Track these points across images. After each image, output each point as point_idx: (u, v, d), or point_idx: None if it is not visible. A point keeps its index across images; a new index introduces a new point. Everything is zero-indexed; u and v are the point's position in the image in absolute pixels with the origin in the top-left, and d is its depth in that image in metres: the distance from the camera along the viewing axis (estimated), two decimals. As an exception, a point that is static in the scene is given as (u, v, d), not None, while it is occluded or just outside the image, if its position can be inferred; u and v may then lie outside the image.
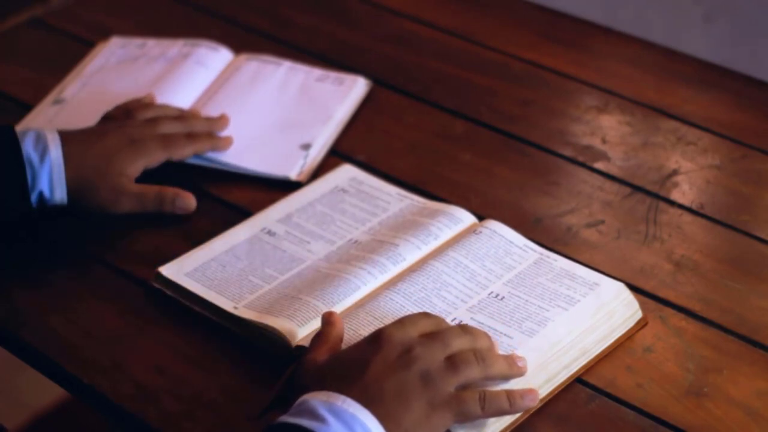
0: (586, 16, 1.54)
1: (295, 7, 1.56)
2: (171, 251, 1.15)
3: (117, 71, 1.40)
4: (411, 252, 1.12)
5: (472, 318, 1.05)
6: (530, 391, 0.97)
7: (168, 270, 1.12)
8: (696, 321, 1.09)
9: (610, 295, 1.07)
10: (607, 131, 1.34)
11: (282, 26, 1.52)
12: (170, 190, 1.20)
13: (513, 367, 0.98)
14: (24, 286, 1.14)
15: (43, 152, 1.15)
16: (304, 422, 0.89)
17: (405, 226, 1.15)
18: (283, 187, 1.24)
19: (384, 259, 1.11)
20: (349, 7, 1.56)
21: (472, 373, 0.95)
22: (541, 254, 1.12)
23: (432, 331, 0.98)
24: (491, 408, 0.95)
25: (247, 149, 1.29)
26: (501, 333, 1.04)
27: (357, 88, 1.39)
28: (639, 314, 1.08)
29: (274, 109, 1.36)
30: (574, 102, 1.39)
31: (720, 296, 1.12)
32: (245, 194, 1.24)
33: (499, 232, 1.13)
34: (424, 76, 1.43)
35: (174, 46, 1.44)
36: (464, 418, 0.94)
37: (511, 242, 1.13)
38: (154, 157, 1.22)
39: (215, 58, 1.42)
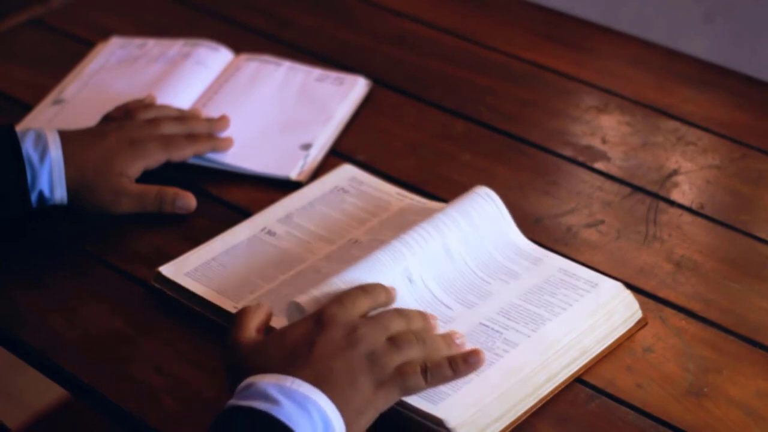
0: (586, 16, 1.54)
1: (295, 7, 1.56)
2: (171, 251, 1.15)
3: (117, 71, 1.40)
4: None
5: (472, 319, 1.05)
6: (472, 353, 0.98)
7: (168, 270, 1.12)
8: (696, 321, 1.09)
9: (609, 295, 1.07)
10: (607, 131, 1.34)
11: (282, 26, 1.52)
12: (170, 190, 1.20)
13: (452, 346, 0.99)
14: (24, 286, 1.14)
15: (43, 152, 1.15)
16: (257, 405, 0.89)
17: (405, 226, 1.15)
18: (283, 187, 1.24)
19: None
20: (349, 7, 1.56)
21: (412, 352, 0.97)
22: (541, 254, 1.12)
23: (369, 310, 0.99)
24: (435, 378, 0.97)
25: (247, 149, 1.29)
26: (501, 333, 1.04)
27: (357, 88, 1.39)
28: (639, 314, 1.08)
29: (274, 109, 1.36)
30: (574, 102, 1.39)
31: (720, 296, 1.12)
32: (245, 194, 1.24)
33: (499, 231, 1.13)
34: (424, 76, 1.43)
35: (174, 46, 1.44)
36: (410, 391, 0.96)
37: (510, 242, 1.13)
38: (154, 158, 1.22)
39: (215, 58, 1.42)
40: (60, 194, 1.16)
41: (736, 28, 2.18)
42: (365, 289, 1.01)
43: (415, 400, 0.97)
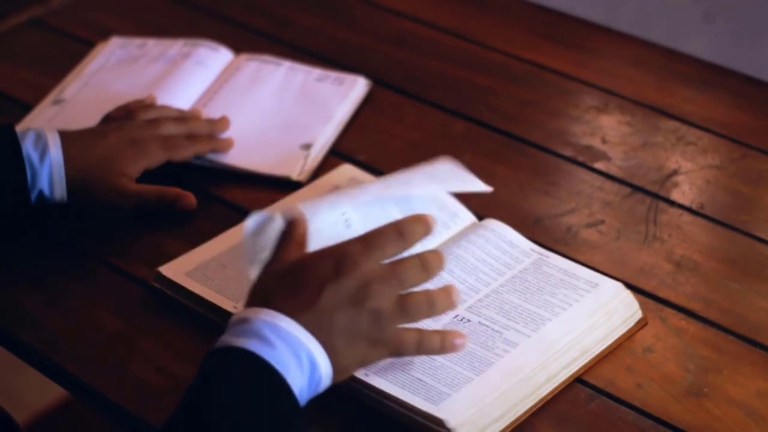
0: (586, 16, 1.54)
1: (295, 7, 1.56)
2: (171, 251, 1.15)
3: (117, 71, 1.40)
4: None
5: (471, 317, 1.05)
6: (461, 335, 0.99)
7: (168, 270, 1.12)
8: (696, 321, 1.09)
9: (609, 295, 1.07)
10: (607, 131, 1.34)
11: (282, 26, 1.52)
12: (171, 191, 1.20)
13: (451, 303, 0.98)
14: (24, 286, 1.14)
15: (43, 152, 1.15)
16: (251, 345, 0.90)
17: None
18: (283, 187, 1.24)
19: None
20: (349, 7, 1.56)
21: (420, 314, 0.97)
22: (541, 254, 1.12)
23: (396, 255, 0.97)
24: (424, 348, 0.98)
25: (247, 149, 1.29)
26: (501, 333, 1.04)
27: (357, 88, 1.39)
28: (639, 314, 1.08)
29: (275, 109, 1.36)
30: (574, 102, 1.39)
31: (720, 296, 1.12)
32: (245, 194, 1.24)
33: (499, 231, 1.13)
34: (424, 76, 1.43)
35: (174, 46, 1.44)
36: (399, 355, 0.97)
37: (510, 242, 1.13)
38: (155, 158, 1.22)
39: (215, 58, 1.42)
40: (60, 194, 1.16)
41: (736, 28, 2.18)
42: (401, 232, 0.98)
43: (415, 400, 0.98)
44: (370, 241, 0.97)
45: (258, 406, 0.89)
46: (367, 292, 0.94)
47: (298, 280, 0.95)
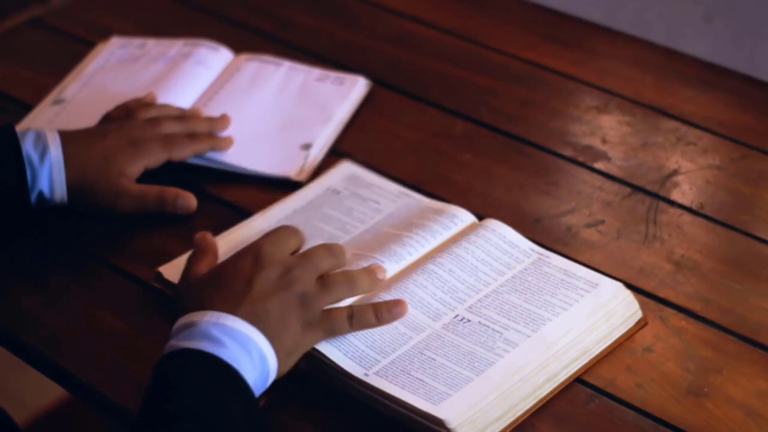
0: (586, 16, 1.54)
1: (295, 7, 1.56)
2: (171, 251, 1.15)
3: (117, 71, 1.41)
4: (411, 251, 1.12)
5: (471, 317, 1.05)
6: (396, 303, 1.03)
7: (168, 270, 1.12)
8: (696, 321, 1.09)
9: (609, 295, 1.07)
10: (607, 131, 1.34)
11: (282, 26, 1.52)
12: (171, 191, 1.20)
13: (375, 281, 1.04)
14: (24, 286, 1.14)
15: (43, 152, 1.15)
16: (202, 346, 0.93)
17: (405, 225, 1.15)
18: (283, 187, 1.24)
19: (384, 257, 1.11)
20: (349, 7, 1.56)
21: (341, 292, 1.02)
22: (541, 254, 1.12)
23: (298, 247, 1.04)
24: (359, 323, 1.02)
25: (247, 149, 1.29)
26: (501, 333, 1.04)
27: (357, 88, 1.39)
28: (639, 314, 1.08)
29: (275, 109, 1.36)
30: (574, 102, 1.39)
31: (720, 296, 1.12)
32: (245, 194, 1.24)
33: (499, 231, 1.13)
34: (424, 76, 1.43)
35: (174, 46, 1.44)
36: (335, 333, 1.01)
37: (510, 242, 1.13)
38: (155, 157, 1.21)
39: (215, 58, 1.42)
40: (60, 194, 1.16)
41: (736, 28, 2.18)
42: (289, 228, 1.05)
43: (415, 400, 0.98)
44: (272, 235, 1.03)
45: (221, 405, 0.91)
46: (291, 276, 1.00)
47: (226, 279, 0.99)
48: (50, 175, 1.15)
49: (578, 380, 1.03)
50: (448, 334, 1.04)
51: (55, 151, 1.16)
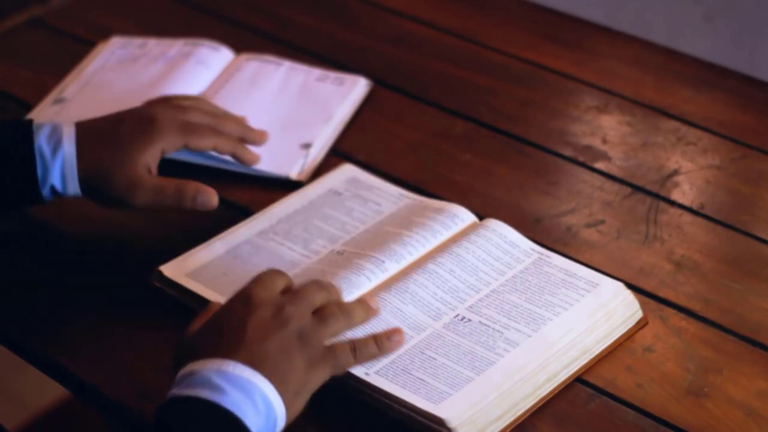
0: (586, 16, 1.54)
1: (295, 7, 1.56)
2: (171, 251, 1.15)
3: (117, 71, 1.41)
4: (411, 250, 1.12)
5: (472, 316, 1.05)
6: (394, 332, 1.02)
7: (169, 270, 1.12)
8: (696, 321, 1.09)
9: (610, 295, 1.07)
10: (607, 131, 1.34)
11: (282, 26, 1.52)
12: (191, 185, 1.14)
13: (369, 311, 1.03)
14: (24, 286, 1.14)
15: (56, 146, 1.13)
16: (202, 394, 0.90)
17: (406, 225, 1.15)
18: (283, 186, 1.24)
19: (384, 257, 1.11)
20: (349, 7, 1.56)
21: (338, 324, 0.99)
22: (541, 254, 1.12)
23: (287, 287, 1.01)
24: (363, 355, 0.99)
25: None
26: (501, 332, 1.04)
27: (357, 88, 1.39)
28: (639, 314, 1.08)
29: (275, 109, 1.36)
30: (574, 102, 1.39)
31: (720, 296, 1.12)
32: (245, 194, 1.24)
33: (500, 231, 1.13)
34: (424, 76, 1.44)
35: (174, 46, 1.44)
36: (340, 368, 0.98)
37: (511, 242, 1.13)
38: (170, 141, 1.16)
39: (216, 57, 1.42)
40: (73, 188, 1.13)
41: (736, 28, 2.18)
42: (277, 270, 1.02)
43: (416, 400, 0.98)
44: (260, 277, 1.00)
45: None
46: (284, 314, 0.96)
47: (219, 329, 0.96)
48: (62, 169, 1.12)
49: (578, 380, 1.03)
50: (448, 333, 1.04)
51: (68, 145, 1.13)
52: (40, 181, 1.12)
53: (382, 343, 1.01)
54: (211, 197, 1.15)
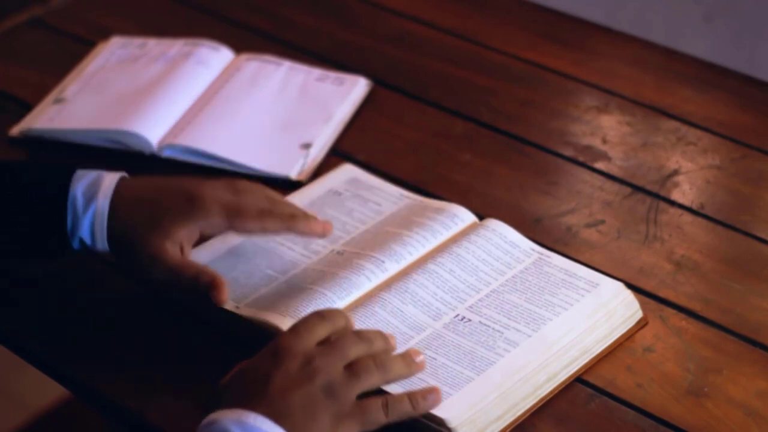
0: (586, 16, 1.54)
1: (295, 7, 1.56)
2: (171, 251, 1.15)
3: (117, 71, 1.40)
4: (411, 250, 1.12)
5: (472, 317, 1.05)
6: (431, 391, 0.97)
7: (168, 270, 1.12)
8: (696, 321, 1.09)
9: (610, 295, 1.07)
10: (607, 131, 1.34)
11: (282, 26, 1.52)
12: (208, 276, 1.06)
13: (411, 366, 0.98)
14: (23, 286, 1.14)
15: (90, 199, 1.07)
16: None
17: (406, 225, 1.15)
18: (283, 186, 1.24)
19: (384, 257, 1.11)
20: (349, 7, 1.56)
21: (372, 380, 0.95)
22: (541, 254, 1.12)
23: (328, 336, 0.96)
24: (395, 413, 0.95)
25: (247, 148, 1.29)
26: (502, 332, 1.04)
27: (357, 88, 1.39)
28: (639, 314, 1.08)
29: (275, 109, 1.36)
30: (574, 102, 1.39)
31: (720, 296, 1.12)
32: (245, 194, 1.24)
33: (500, 231, 1.13)
34: (424, 76, 1.44)
35: (174, 46, 1.44)
36: (370, 426, 0.94)
37: (511, 242, 1.13)
38: (211, 223, 1.08)
39: (216, 57, 1.42)
40: (101, 244, 1.08)
41: (736, 28, 2.18)
42: (322, 315, 0.98)
43: (415, 400, 0.98)
44: (297, 326, 0.97)
45: None
46: (313, 367, 0.93)
47: (245, 380, 0.94)
48: (92, 225, 1.07)
49: (578, 380, 1.03)
50: (448, 333, 1.04)
51: (102, 201, 1.07)
52: (69, 231, 1.08)
53: (417, 402, 0.96)
54: (221, 296, 1.06)
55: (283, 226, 1.10)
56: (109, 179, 1.09)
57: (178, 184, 1.10)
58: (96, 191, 1.08)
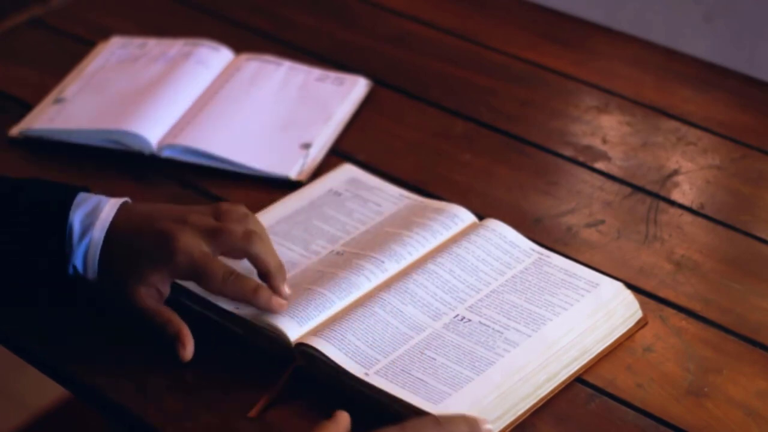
0: (586, 16, 1.54)
1: (295, 7, 1.56)
2: (171, 251, 1.15)
3: (117, 71, 1.40)
4: (411, 251, 1.12)
5: (472, 317, 1.05)
6: None
7: (168, 270, 1.12)
8: (696, 321, 1.09)
9: (610, 295, 1.07)
10: (607, 131, 1.34)
11: (282, 26, 1.52)
12: (173, 326, 1.05)
13: None
14: (24, 286, 1.14)
15: (87, 229, 1.06)
16: None
17: (405, 225, 1.15)
18: (283, 186, 1.24)
19: (384, 257, 1.11)
20: (349, 7, 1.56)
21: None
22: (542, 254, 1.12)
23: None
24: None
25: (247, 148, 1.29)
26: (501, 332, 1.04)
27: (357, 88, 1.39)
28: (639, 314, 1.08)
29: (275, 109, 1.36)
30: (574, 102, 1.39)
31: (720, 296, 1.12)
32: (245, 194, 1.24)
33: (500, 231, 1.13)
34: (424, 76, 1.44)
35: (174, 46, 1.44)
36: None
37: (511, 242, 1.13)
38: (178, 272, 1.06)
39: (216, 57, 1.42)
40: (92, 276, 1.07)
41: (736, 28, 2.18)
42: (437, 421, 0.93)
43: (415, 400, 0.98)
44: (406, 425, 0.93)
45: None
46: None
47: None
48: (85, 255, 1.06)
49: (578, 380, 1.03)
50: (448, 333, 1.04)
51: (98, 233, 1.06)
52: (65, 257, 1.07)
53: None
54: (184, 352, 1.05)
55: (243, 300, 1.05)
56: (108, 209, 1.07)
57: (159, 224, 1.06)
58: (93, 221, 1.06)
